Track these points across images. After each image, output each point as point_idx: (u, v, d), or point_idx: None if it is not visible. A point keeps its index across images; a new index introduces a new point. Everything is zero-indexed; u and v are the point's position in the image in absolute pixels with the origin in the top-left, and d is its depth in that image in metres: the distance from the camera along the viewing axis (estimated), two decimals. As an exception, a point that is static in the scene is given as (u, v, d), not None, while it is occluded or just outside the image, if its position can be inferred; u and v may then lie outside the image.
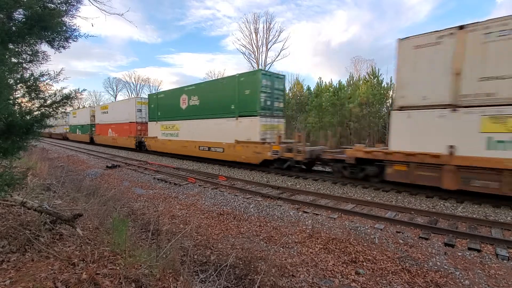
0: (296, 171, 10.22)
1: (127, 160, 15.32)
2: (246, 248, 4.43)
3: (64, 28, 3.59)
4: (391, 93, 18.32)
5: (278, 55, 34.57)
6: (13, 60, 3.31)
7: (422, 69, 6.91)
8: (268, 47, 33.62)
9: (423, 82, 6.91)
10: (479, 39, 6.14)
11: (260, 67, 32.39)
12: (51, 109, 3.37)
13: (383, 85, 19.51)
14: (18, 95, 3.29)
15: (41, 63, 3.63)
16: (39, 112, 3.28)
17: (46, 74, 3.38)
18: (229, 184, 8.86)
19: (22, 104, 3.32)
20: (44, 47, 3.64)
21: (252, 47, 33.90)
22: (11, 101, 3.02)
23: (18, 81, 3.22)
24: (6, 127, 2.77)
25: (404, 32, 57.95)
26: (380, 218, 5.66)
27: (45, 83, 3.45)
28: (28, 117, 3.08)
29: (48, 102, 3.40)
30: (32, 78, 3.30)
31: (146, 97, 19.39)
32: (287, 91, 24.08)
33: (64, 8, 3.67)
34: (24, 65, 3.56)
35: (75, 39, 3.81)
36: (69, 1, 3.68)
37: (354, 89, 20.57)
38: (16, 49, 3.39)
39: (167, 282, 2.74)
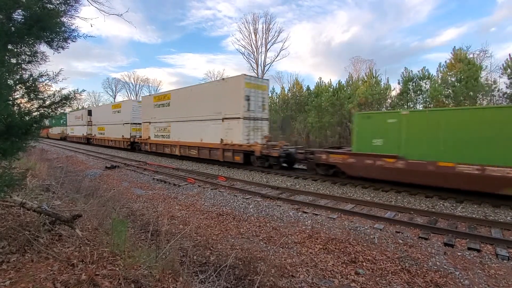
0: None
1: (126, 161, 15.31)
2: (245, 249, 4.43)
3: (63, 28, 3.59)
4: (388, 92, 19.66)
5: (277, 55, 34.68)
6: (13, 60, 3.30)
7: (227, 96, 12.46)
8: (268, 48, 33.79)
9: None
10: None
11: (259, 68, 33.07)
12: (50, 110, 3.36)
13: (381, 85, 19.54)
14: (17, 96, 3.29)
15: (40, 64, 3.62)
16: (38, 113, 3.27)
17: (45, 75, 3.37)
18: (228, 185, 8.85)
19: (21, 105, 3.31)
20: (43, 47, 3.64)
21: (252, 47, 34.05)
22: (10, 102, 3.01)
23: (17, 82, 3.22)
24: (5, 128, 2.77)
25: (405, 32, 57.75)
26: (380, 218, 5.66)
27: (44, 83, 3.44)
28: (27, 118, 3.08)
29: (47, 102, 3.39)
30: (31, 78, 3.29)
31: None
32: (286, 91, 27.30)
33: (63, 9, 3.67)
34: (23, 65, 3.55)
35: (74, 40, 3.80)
36: (68, 1, 3.68)
37: (353, 89, 20.59)
38: (15, 50, 3.38)
39: (167, 283, 2.74)
